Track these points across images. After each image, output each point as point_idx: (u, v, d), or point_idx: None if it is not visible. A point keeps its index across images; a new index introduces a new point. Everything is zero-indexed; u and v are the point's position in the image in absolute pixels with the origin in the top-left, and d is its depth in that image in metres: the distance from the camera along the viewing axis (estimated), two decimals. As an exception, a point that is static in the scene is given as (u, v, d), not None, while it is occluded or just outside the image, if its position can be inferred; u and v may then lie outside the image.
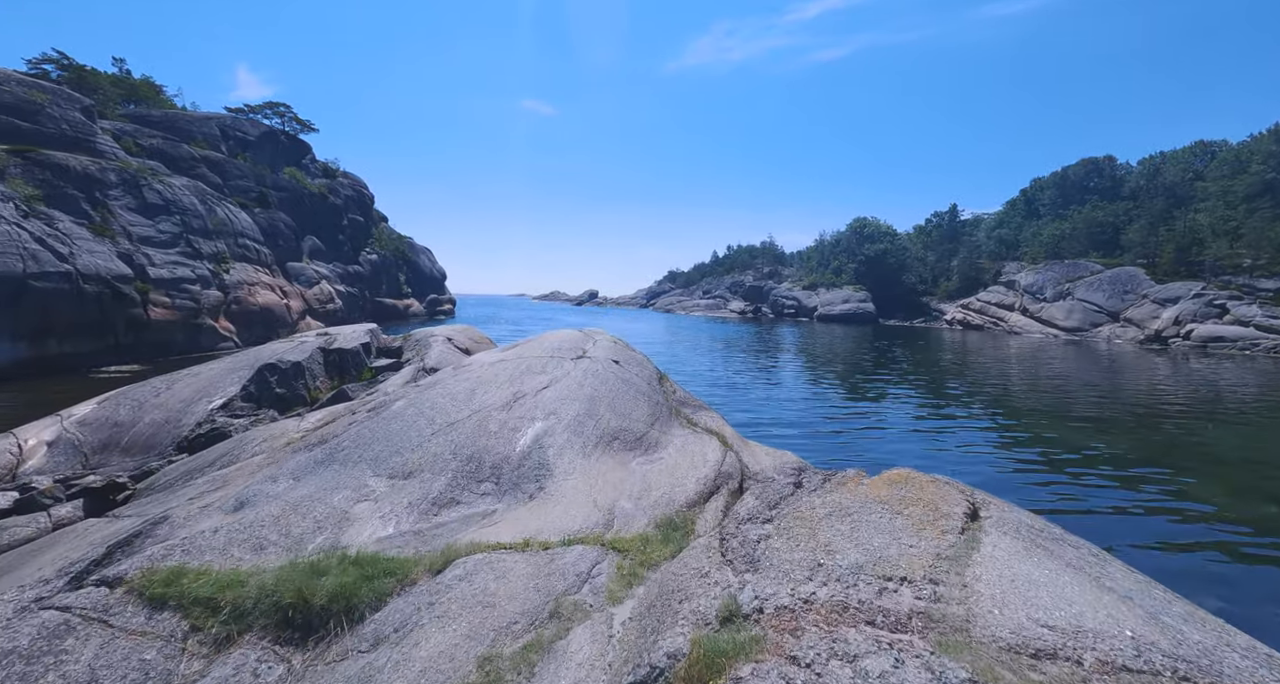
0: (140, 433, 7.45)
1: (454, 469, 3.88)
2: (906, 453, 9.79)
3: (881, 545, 2.65)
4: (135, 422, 7.59)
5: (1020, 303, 54.79)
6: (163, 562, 2.71)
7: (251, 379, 8.73)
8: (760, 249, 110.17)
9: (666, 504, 3.49)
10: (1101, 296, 47.04)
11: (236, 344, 23.65)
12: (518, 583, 2.59)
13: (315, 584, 2.47)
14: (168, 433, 7.51)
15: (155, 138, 29.97)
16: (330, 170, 51.54)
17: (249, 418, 8.14)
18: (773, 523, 2.73)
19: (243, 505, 3.32)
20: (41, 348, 16.22)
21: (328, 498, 3.41)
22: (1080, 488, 8.44)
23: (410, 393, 5.63)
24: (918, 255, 76.38)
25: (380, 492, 3.57)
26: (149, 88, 39.54)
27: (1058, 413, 14.11)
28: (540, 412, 4.74)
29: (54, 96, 23.75)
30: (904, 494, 2.97)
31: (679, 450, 4.53)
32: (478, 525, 3.34)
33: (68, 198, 19.72)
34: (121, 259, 19.55)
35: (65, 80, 30.46)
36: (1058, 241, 59.76)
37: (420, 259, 61.47)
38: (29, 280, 15.89)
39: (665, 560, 2.76)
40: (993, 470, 9.09)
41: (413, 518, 3.34)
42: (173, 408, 7.93)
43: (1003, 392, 17.66)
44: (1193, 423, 13.13)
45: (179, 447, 7.39)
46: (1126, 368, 25.23)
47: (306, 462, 3.90)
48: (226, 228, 27.09)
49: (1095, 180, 68.70)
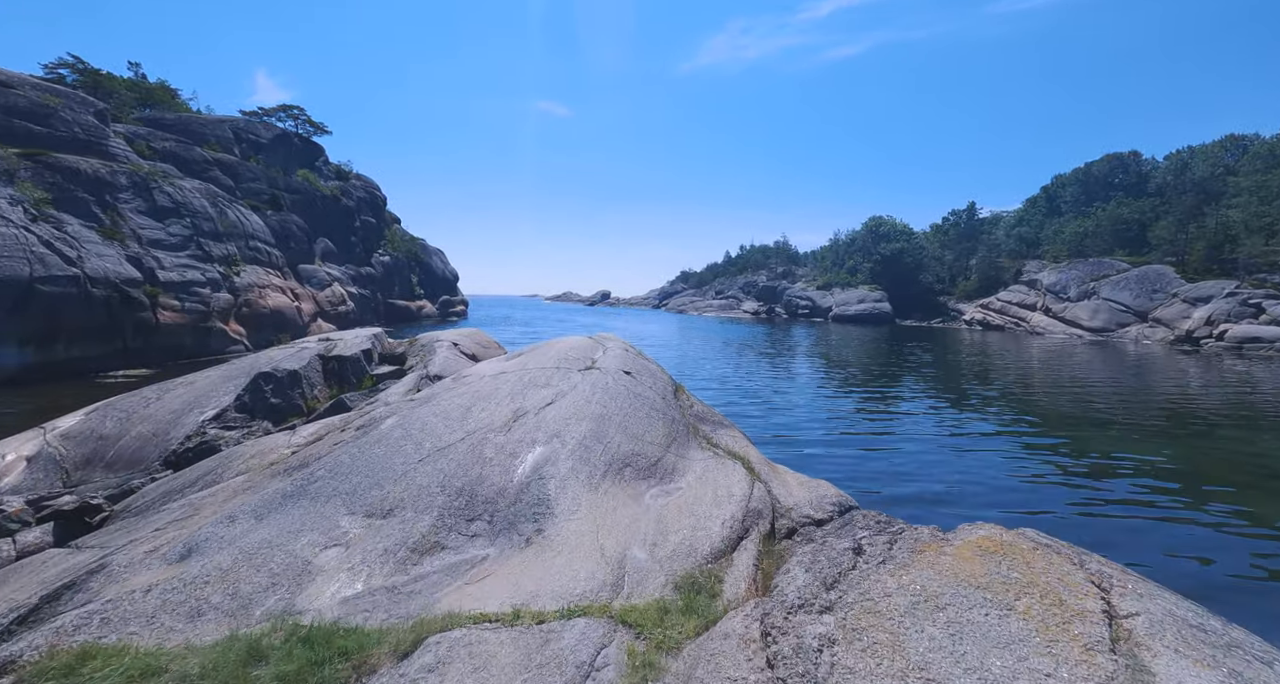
0: (126, 447, 7.07)
1: (440, 505, 3.37)
2: (942, 467, 9.09)
3: (1005, 674, 1.96)
4: (121, 435, 7.21)
5: (1043, 302, 53.36)
6: (73, 636, 2.23)
7: (246, 388, 8.33)
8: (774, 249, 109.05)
9: (687, 554, 2.94)
10: (1129, 296, 45.58)
11: (247, 347, 23.50)
12: (501, 678, 2.06)
13: (249, 676, 1.97)
14: (155, 447, 7.12)
15: (168, 141, 30.00)
16: (343, 172, 51.63)
17: (242, 430, 7.75)
18: (834, 614, 2.13)
19: (191, 553, 2.83)
20: (49, 352, 16.07)
21: (290, 543, 2.91)
22: (1143, 508, 7.68)
23: (403, 408, 5.14)
24: (935, 254, 74.93)
25: (353, 535, 3.06)
26: (164, 92, 39.77)
27: (1099, 420, 13.31)
28: (542, 433, 4.22)
29: (67, 100, 23.77)
30: (1006, 572, 2.36)
31: (699, 479, 3.98)
32: (463, 578, 2.82)
33: (78, 201, 19.63)
34: (131, 262, 19.42)
35: (80, 85, 30.64)
36: (1081, 239, 58.16)
37: (433, 260, 61.45)
38: (36, 284, 15.73)
39: (688, 640, 2.22)
40: (1044, 490, 8.36)
41: (387, 569, 2.84)
42: (162, 420, 7.55)
43: (1035, 396, 16.85)
44: (1246, 432, 12.29)
45: (166, 461, 7.00)
46: (1160, 370, 24.19)
47: (274, 495, 3.41)
48: (237, 230, 26.99)
49: (1120, 176, 66.90)
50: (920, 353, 30.44)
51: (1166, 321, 41.53)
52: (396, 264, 50.84)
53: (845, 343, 37.54)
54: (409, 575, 2.82)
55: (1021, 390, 18.02)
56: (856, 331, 50.20)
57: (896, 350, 31.92)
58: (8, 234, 15.72)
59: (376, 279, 45.66)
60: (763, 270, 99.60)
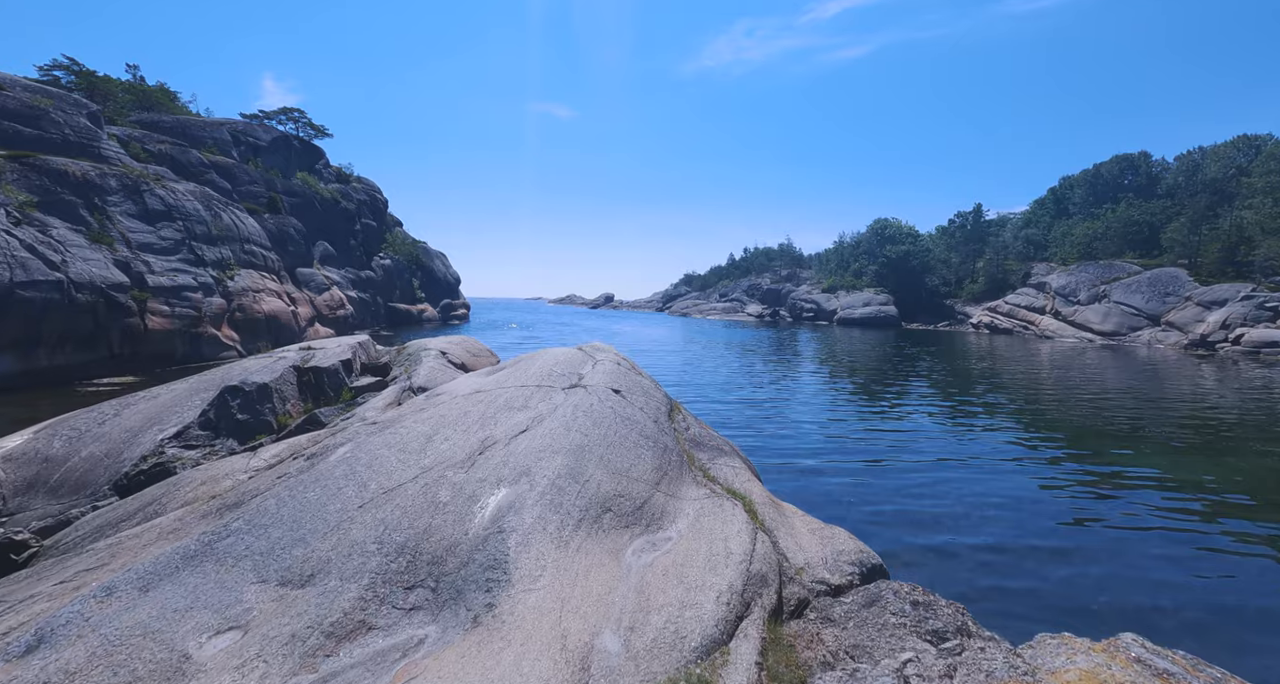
0: (74, 469, 6.51)
1: (375, 569, 2.76)
2: (967, 497, 8.32)
3: None
4: (69, 456, 6.65)
5: (1052, 305, 52.49)
6: None
7: (212, 403, 7.77)
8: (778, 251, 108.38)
9: (672, 645, 2.33)
10: (1140, 299, 44.71)
11: (240, 353, 23.01)
12: None
13: None
14: (105, 469, 6.56)
15: (164, 143, 29.64)
16: (344, 175, 51.32)
17: (204, 449, 7.19)
18: None
19: (40, 642, 2.23)
20: (30, 360, 15.59)
21: (172, 628, 2.31)
22: (1204, 538, 6.95)
23: (360, 435, 4.55)
24: (941, 257, 74.06)
25: (257, 612, 2.46)
26: (163, 94, 39.48)
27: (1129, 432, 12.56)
28: (509, 470, 3.62)
29: (59, 102, 23.39)
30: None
31: (692, 527, 3.37)
32: (388, 674, 2.22)
33: (65, 204, 19.18)
34: (118, 267, 18.95)
35: (76, 87, 30.33)
36: (1090, 241, 57.25)
37: (434, 264, 61.04)
38: (16, 289, 15.26)
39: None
40: (1088, 521, 7.46)
41: (290, 665, 2.23)
42: (116, 439, 6.99)
43: (1053, 405, 16.15)
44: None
45: (117, 486, 6.44)
46: (1178, 376, 23.40)
47: (171, 556, 2.82)
48: (232, 234, 26.55)
49: (1130, 177, 65.97)
50: (929, 358, 29.71)
51: (1180, 325, 40.66)
52: (397, 267, 50.42)
53: (851, 347, 36.84)
54: (317, 674, 2.22)
55: (1038, 399, 17.31)
56: (862, 335, 49.46)
57: (904, 355, 31.20)
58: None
59: (377, 283, 45.23)
60: (767, 273, 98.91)
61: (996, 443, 11.54)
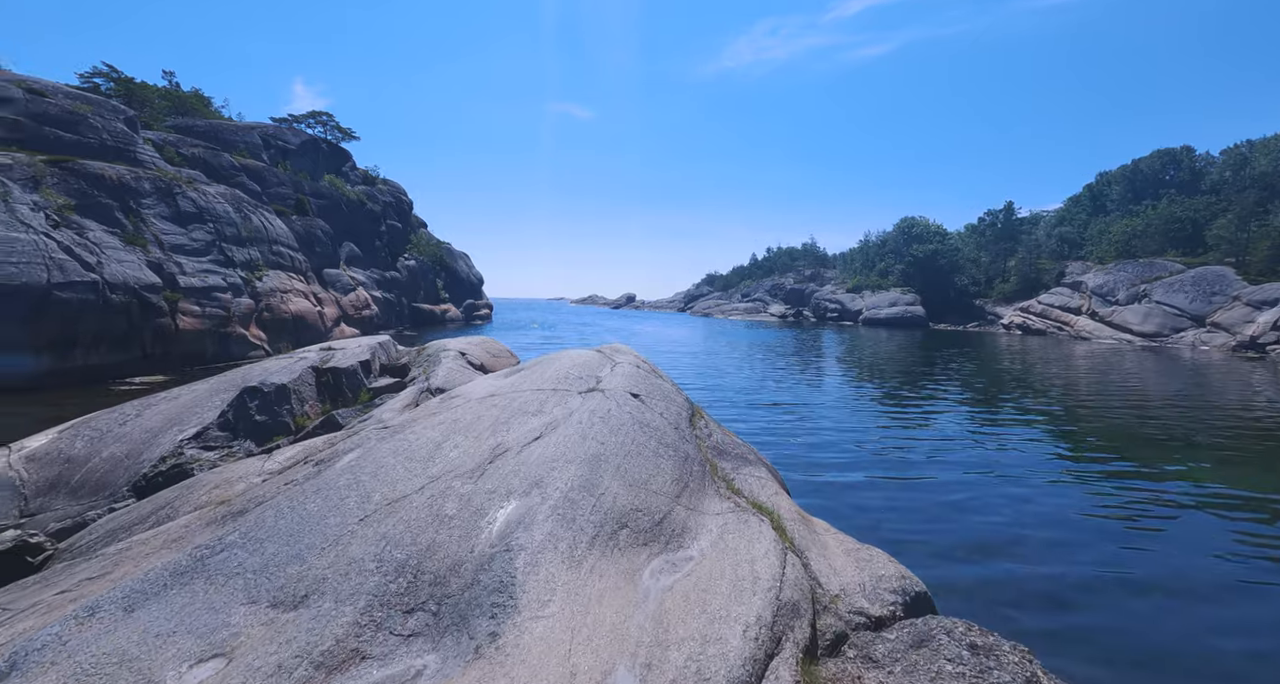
0: (94, 470, 6.53)
1: (372, 589, 2.57)
2: (1006, 504, 7.84)
3: None
4: (90, 456, 6.68)
5: (1088, 306, 50.72)
6: None
7: (231, 404, 7.76)
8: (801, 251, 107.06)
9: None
10: (1184, 299, 42.88)
11: (268, 352, 23.41)
12: None
13: None
14: (125, 470, 6.57)
15: (197, 147, 30.38)
16: (370, 177, 52.11)
17: (222, 450, 7.16)
18: None
19: (10, 671, 2.08)
20: (66, 359, 16.00)
21: (152, 654, 2.14)
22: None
23: (370, 441, 4.40)
24: (970, 256, 72.26)
25: (245, 637, 2.28)
26: (197, 99, 40.56)
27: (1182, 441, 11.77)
28: (520, 481, 3.41)
29: (97, 108, 24.11)
30: None
31: (715, 548, 3.11)
32: (381, 713, 2.01)
33: (101, 207, 19.70)
34: (151, 268, 19.39)
35: (114, 93, 31.26)
36: (1129, 239, 55.16)
37: (458, 264, 61.64)
38: (54, 290, 15.67)
39: None
40: (1148, 546, 6.62)
41: (275, 699, 2.04)
42: (136, 440, 7.01)
43: (1097, 410, 15.41)
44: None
45: (134, 487, 6.43)
46: (1228, 380, 22.25)
47: (160, 573, 2.67)
48: (261, 235, 27.04)
49: (1171, 172, 63.50)
50: (960, 360, 28.84)
51: (1226, 326, 38.88)
52: (422, 268, 51.01)
53: (878, 348, 36.02)
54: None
55: (1079, 403, 16.56)
56: (888, 336, 48.42)
57: (934, 357, 30.36)
58: (26, 240, 15.71)
59: (401, 283, 45.79)
60: (790, 273, 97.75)
61: (1037, 452, 10.98)
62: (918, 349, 35.57)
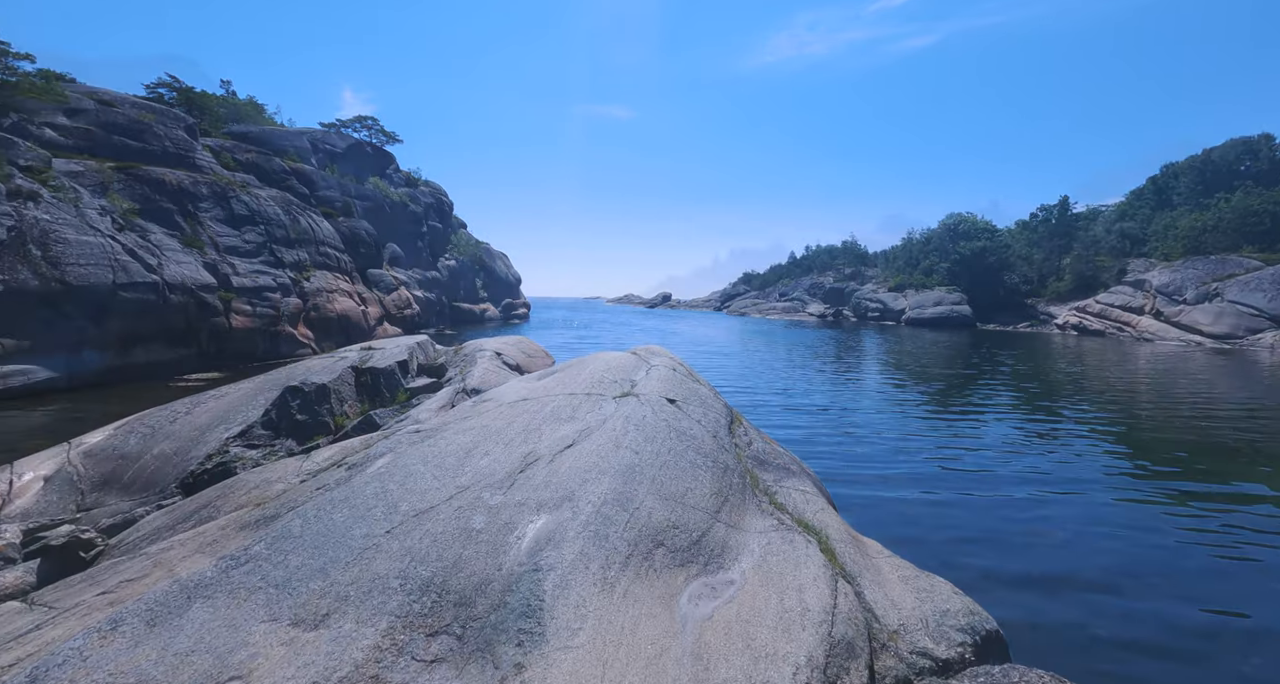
0: (145, 467, 6.74)
1: (395, 609, 2.44)
2: (1073, 527, 7.20)
3: None
4: (142, 453, 6.90)
5: (1152, 305, 47.73)
6: None
7: (274, 403, 7.92)
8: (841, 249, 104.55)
9: (737, 742, 1.87)
10: (1261, 298, 39.89)
11: (315, 350, 24.15)
12: None
13: None
14: (174, 467, 6.75)
15: (251, 152, 31.64)
16: (412, 179, 53.38)
17: (265, 449, 7.30)
18: None
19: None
20: (128, 356, 16.82)
21: (167, 677, 2.07)
22: None
23: (401, 445, 4.33)
24: (1021, 253, 69.02)
25: (263, 658, 2.17)
26: (252, 107, 42.34)
27: (1270, 455, 10.91)
28: (551, 493, 3.24)
29: (160, 117, 25.36)
30: None
31: (758, 570, 2.88)
32: (398, 750, 1.87)
33: (162, 211, 20.69)
34: (207, 269, 20.24)
35: (176, 102, 32.85)
36: (1199, 234, 51.61)
37: (496, 264, 62.63)
38: (119, 290, 16.50)
39: None
40: (1246, 589, 5.64)
41: (288, 731, 1.92)
42: (185, 437, 7.21)
43: (1166, 418, 14.37)
44: None
45: (182, 484, 6.60)
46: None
47: (185, 585, 2.60)
48: (308, 237, 27.96)
49: (1248, 162, 59.17)
50: (1013, 362, 27.50)
51: (1312, 328, 35.96)
52: (462, 268, 51.99)
53: (923, 349, 34.76)
54: (317, 744, 1.90)
55: (1144, 410, 15.49)
56: (934, 337, 46.70)
57: (984, 359, 29.05)
58: (95, 243, 16.58)
59: (442, 283, 46.76)
60: (830, 271, 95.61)
61: (1104, 465, 10.23)
62: (967, 351, 34.15)
